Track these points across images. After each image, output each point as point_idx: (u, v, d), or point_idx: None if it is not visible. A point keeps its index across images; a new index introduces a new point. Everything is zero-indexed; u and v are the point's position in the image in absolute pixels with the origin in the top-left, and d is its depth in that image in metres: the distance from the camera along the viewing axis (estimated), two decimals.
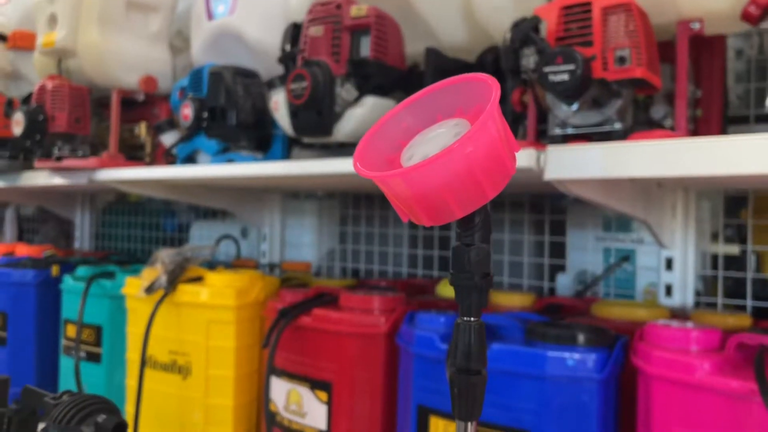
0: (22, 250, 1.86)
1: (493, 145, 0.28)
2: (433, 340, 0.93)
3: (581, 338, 0.86)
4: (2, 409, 0.50)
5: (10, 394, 1.68)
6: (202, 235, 2.01)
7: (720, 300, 1.11)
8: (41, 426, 0.46)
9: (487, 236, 0.31)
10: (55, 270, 1.64)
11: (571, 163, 0.76)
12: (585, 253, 1.38)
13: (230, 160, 1.26)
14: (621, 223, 1.33)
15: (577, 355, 0.83)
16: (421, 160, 0.29)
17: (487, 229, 0.31)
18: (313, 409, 1.09)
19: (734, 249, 1.20)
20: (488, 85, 0.30)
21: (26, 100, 1.49)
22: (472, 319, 0.32)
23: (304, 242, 1.78)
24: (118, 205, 2.40)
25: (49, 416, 0.47)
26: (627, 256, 1.24)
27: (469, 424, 0.31)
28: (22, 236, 2.38)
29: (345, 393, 1.06)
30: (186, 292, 1.27)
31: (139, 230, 2.31)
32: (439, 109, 0.33)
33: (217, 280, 1.28)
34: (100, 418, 0.46)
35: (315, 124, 1.00)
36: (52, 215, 2.53)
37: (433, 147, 0.30)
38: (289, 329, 1.12)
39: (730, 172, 0.67)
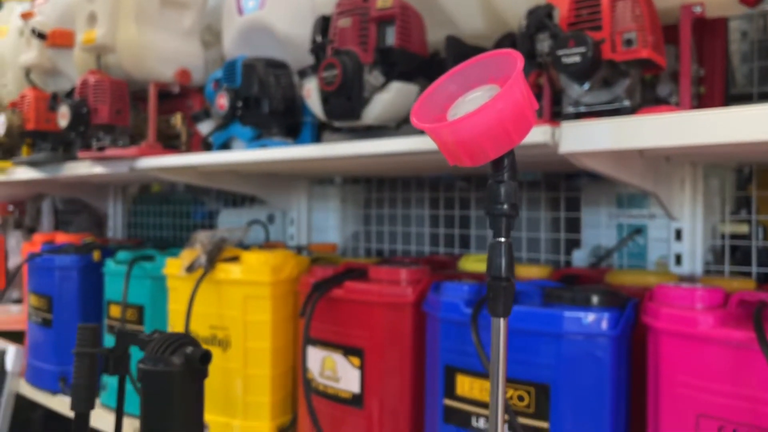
0: (62, 238, 1.96)
1: (518, 101, 0.36)
2: (458, 305, 1.01)
3: (595, 300, 0.94)
4: (100, 349, 0.58)
5: (56, 373, 1.79)
6: (230, 222, 2.10)
7: (727, 267, 1.18)
8: (139, 359, 0.55)
9: (513, 175, 0.39)
10: (96, 255, 1.74)
11: (583, 137, 0.83)
12: (599, 229, 1.45)
13: (263, 146, 1.34)
14: (633, 199, 1.40)
15: (591, 315, 0.91)
16: (463, 115, 0.37)
17: (513, 170, 0.39)
18: (347, 374, 1.18)
19: (744, 227, 1.27)
20: (514, 58, 0.38)
21: (68, 95, 1.58)
22: (503, 239, 0.39)
23: (329, 225, 1.86)
24: (147, 196, 2.51)
25: (146, 350, 0.55)
26: (639, 229, 1.31)
27: (502, 319, 0.39)
28: (57, 227, 2.49)
29: (376, 358, 1.14)
30: (224, 270, 1.36)
31: (168, 219, 2.41)
32: (476, 78, 0.41)
33: (252, 258, 1.36)
34: (188, 349, 0.54)
35: (345, 109, 1.08)
36: (85, 207, 2.64)
37: (472, 106, 0.38)
38: (322, 301, 1.21)
39: (731, 139, 0.74)
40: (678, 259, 1.18)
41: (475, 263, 1.34)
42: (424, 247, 1.66)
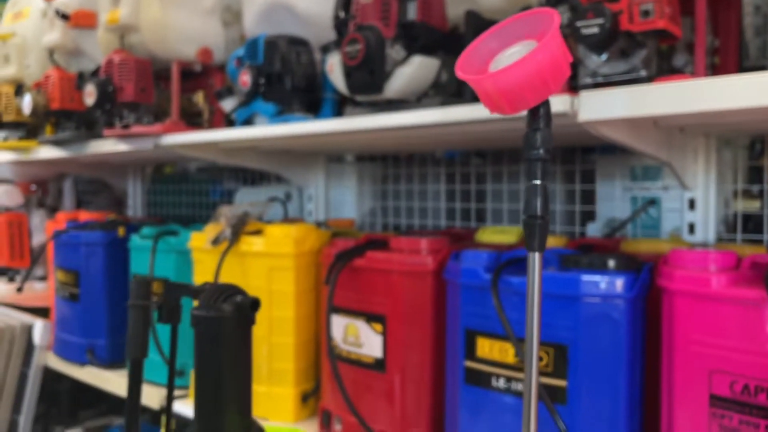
0: (85, 216, 2.01)
1: (556, 53, 0.40)
2: (478, 271, 1.05)
3: (611, 264, 0.97)
4: (152, 301, 0.62)
5: (84, 345, 1.84)
6: (247, 201, 2.15)
7: (739, 236, 1.21)
8: (193, 307, 0.59)
9: (548, 123, 0.42)
10: (121, 231, 1.79)
11: (601, 106, 0.86)
12: (613, 202, 1.49)
13: (285, 122, 1.38)
14: (647, 172, 1.43)
15: (607, 278, 0.94)
16: (507, 66, 0.41)
17: (548, 118, 0.42)
18: (370, 340, 1.22)
19: (755, 204, 1.30)
20: (550, 15, 0.42)
21: (93, 74, 1.62)
22: (539, 182, 0.43)
23: (347, 202, 1.91)
24: (165, 176, 2.56)
25: (199, 299, 0.59)
26: (653, 200, 1.35)
27: (536, 254, 0.43)
28: (78, 207, 2.55)
29: (398, 324, 1.19)
30: (248, 242, 1.40)
31: (186, 197, 2.46)
32: (514, 35, 0.44)
33: (275, 231, 1.41)
34: (238, 298, 0.59)
35: (368, 83, 1.11)
36: (104, 187, 2.70)
37: (512, 59, 0.42)
38: (344, 271, 1.25)
39: (744, 105, 0.77)
40: (691, 228, 1.21)
41: (492, 235, 1.38)
42: (440, 222, 1.70)
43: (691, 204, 1.21)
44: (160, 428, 2.06)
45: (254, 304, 0.60)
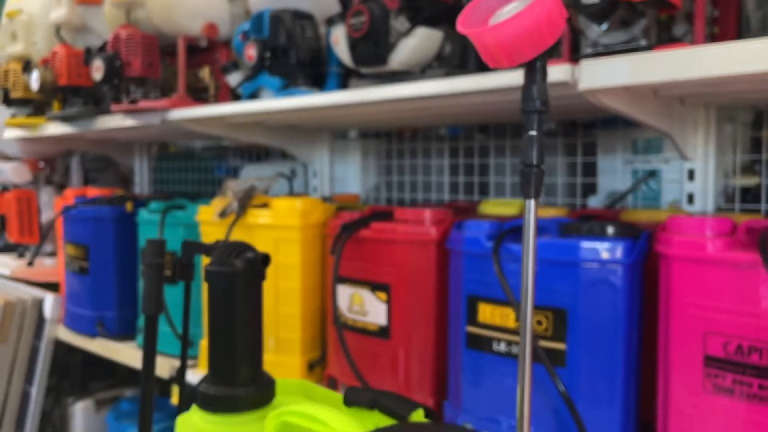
0: (93, 192, 2.04)
1: (551, 8, 0.42)
2: (480, 240, 1.08)
3: (610, 231, 1.00)
4: (166, 259, 0.65)
5: (94, 318, 1.87)
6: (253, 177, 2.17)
7: (737, 206, 1.23)
8: (207, 263, 0.62)
9: (544, 77, 0.44)
10: (129, 206, 1.82)
11: (601, 74, 0.88)
12: (614, 175, 1.51)
13: (291, 95, 1.40)
14: (648, 146, 1.44)
15: (606, 244, 0.97)
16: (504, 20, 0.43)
17: (544, 71, 0.44)
18: (374, 308, 1.25)
19: (753, 179, 1.31)
20: None
21: (100, 50, 1.64)
22: (535, 132, 0.45)
23: (351, 177, 1.93)
24: (170, 153, 2.58)
25: (212, 255, 0.62)
26: (653, 172, 1.37)
27: (532, 200, 0.45)
28: (85, 184, 2.57)
29: (402, 292, 1.22)
30: (255, 215, 1.43)
31: (192, 174, 2.48)
32: None
33: (282, 204, 1.43)
34: (249, 254, 0.61)
35: (372, 55, 1.13)
36: (110, 165, 2.72)
37: (510, 14, 0.44)
38: (350, 241, 1.28)
39: (742, 71, 0.78)
40: (690, 198, 1.23)
41: (494, 207, 1.40)
42: (443, 195, 1.72)
43: (691, 175, 1.23)
44: (170, 397, 2.11)
45: (265, 259, 0.62)
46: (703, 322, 0.89)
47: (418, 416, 0.57)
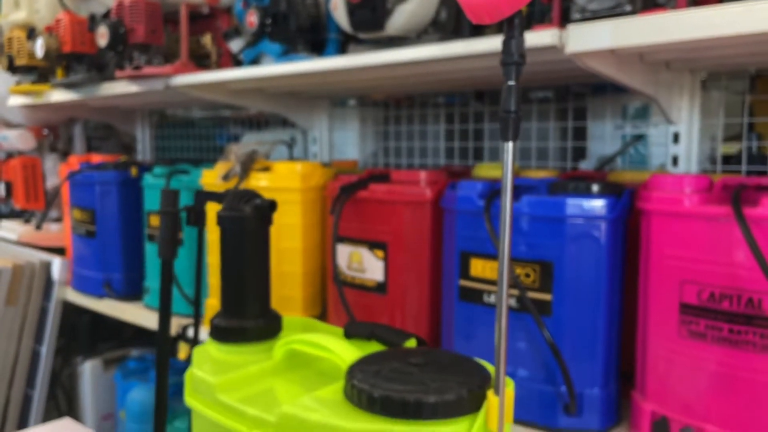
0: (97, 159, 2.09)
1: None
2: (473, 198, 1.13)
3: (595, 188, 1.05)
4: (179, 209, 0.70)
5: (101, 280, 1.93)
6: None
7: (719, 167, 1.29)
8: (219, 209, 0.67)
9: (521, 32, 0.49)
10: (134, 171, 1.87)
11: (587, 38, 0.93)
12: (604, 141, 1.56)
13: (291, 60, 1.44)
14: (637, 111, 1.49)
15: (590, 201, 1.02)
16: None
17: (521, 27, 0.49)
18: (372, 265, 1.31)
19: (732, 148, 1.37)
20: None
21: (104, 16, 1.67)
22: (513, 83, 0.50)
23: (350, 144, 1.98)
24: (171, 122, 2.62)
25: (223, 202, 0.67)
26: (640, 136, 1.42)
27: (510, 143, 0.50)
28: (88, 151, 2.62)
29: (399, 250, 1.28)
30: (258, 178, 1.48)
31: (193, 142, 2.53)
32: None
33: (283, 168, 1.48)
34: (257, 201, 0.67)
35: (370, 20, 1.17)
36: (112, 133, 2.76)
37: None
38: (349, 202, 1.33)
39: (723, 33, 0.83)
40: (675, 161, 1.29)
41: (488, 170, 1.46)
42: (439, 161, 1.77)
43: (675, 138, 1.28)
44: (176, 357, 2.18)
45: (272, 205, 0.68)
46: (680, 272, 0.95)
47: (410, 344, 0.63)
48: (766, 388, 0.88)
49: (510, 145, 0.50)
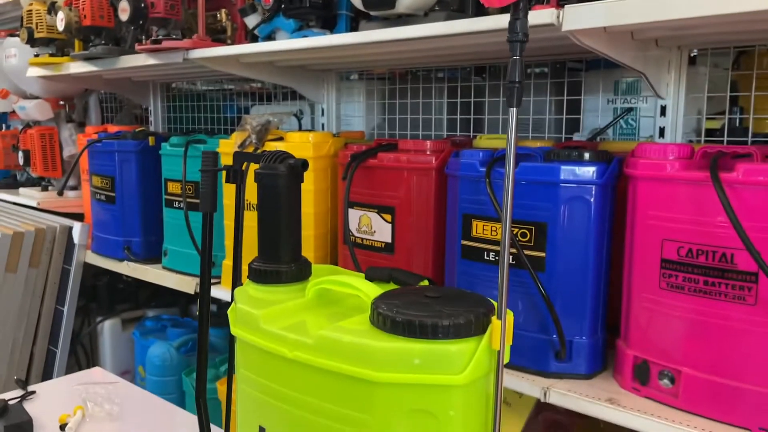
0: (113, 129, 2.18)
1: None
2: (475, 165, 1.23)
3: (586, 156, 1.15)
4: (222, 167, 0.80)
5: (121, 243, 2.03)
6: None
7: (703, 138, 1.39)
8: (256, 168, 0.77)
9: (525, 13, 0.58)
10: (151, 140, 1.96)
11: (582, 17, 1.02)
12: (598, 114, 1.66)
13: (305, 36, 1.53)
14: (630, 86, 1.59)
15: (582, 167, 1.13)
16: None
17: (526, 9, 0.58)
18: (381, 228, 1.42)
19: (716, 123, 1.46)
20: None
21: None
22: (518, 57, 0.60)
23: (356, 115, 2.07)
24: (182, 94, 2.70)
25: (260, 161, 0.77)
26: (631, 108, 1.52)
27: (514, 109, 0.60)
28: (103, 122, 2.70)
29: (405, 213, 1.38)
30: (272, 146, 1.57)
31: (203, 113, 2.61)
32: None
33: (296, 137, 1.58)
34: (291, 160, 0.76)
35: None
36: (124, 105, 2.85)
37: None
38: (359, 170, 1.43)
39: (706, 13, 0.92)
40: (662, 132, 1.39)
41: (488, 141, 1.56)
42: (442, 132, 1.87)
43: (663, 111, 1.38)
44: (191, 317, 2.31)
45: (304, 164, 0.78)
46: (661, 231, 1.06)
47: (423, 284, 0.74)
48: (735, 333, 0.99)
49: (514, 110, 0.59)
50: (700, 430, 0.97)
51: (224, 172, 0.82)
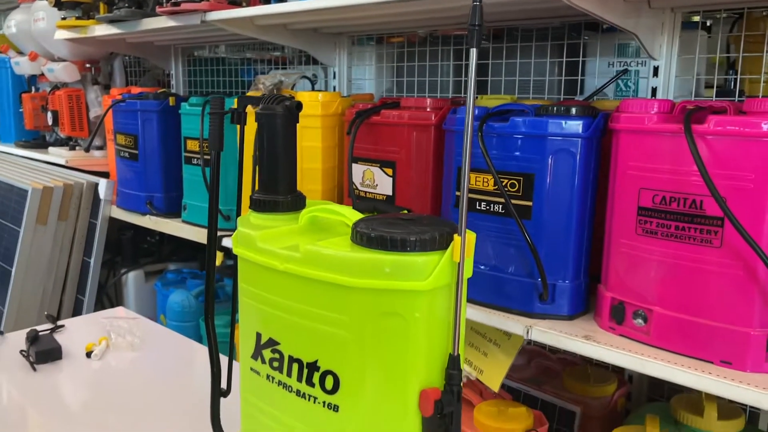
0: (137, 90, 2.29)
1: None
2: None
3: (573, 111, 1.22)
4: (225, 110, 0.89)
5: (144, 198, 2.15)
6: None
7: (692, 98, 1.44)
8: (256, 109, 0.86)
9: None
10: (172, 100, 2.06)
11: None
12: (598, 76, 1.71)
13: None
14: (628, 49, 1.64)
15: (569, 121, 1.20)
16: None
17: None
18: (382, 182, 1.51)
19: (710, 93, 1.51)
20: None
21: None
22: (478, 4, 0.67)
23: (367, 79, 2.15)
24: (200, 59, 2.80)
25: (261, 102, 0.86)
26: (626, 70, 1.57)
27: (474, 49, 0.68)
28: (126, 85, 2.82)
29: (405, 168, 1.46)
30: None
31: (221, 78, 2.71)
32: None
33: (306, 96, 1.66)
34: (288, 102, 0.85)
35: None
36: (146, 70, 2.95)
37: None
38: (363, 127, 1.51)
39: None
40: (654, 92, 1.44)
41: (488, 101, 1.62)
42: (448, 94, 1.94)
43: (655, 71, 1.43)
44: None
45: (299, 105, 0.87)
46: (639, 181, 1.13)
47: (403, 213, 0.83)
48: (703, 275, 1.06)
49: (474, 51, 0.67)
50: (666, 362, 1.05)
51: (231, 115, 0.91)
